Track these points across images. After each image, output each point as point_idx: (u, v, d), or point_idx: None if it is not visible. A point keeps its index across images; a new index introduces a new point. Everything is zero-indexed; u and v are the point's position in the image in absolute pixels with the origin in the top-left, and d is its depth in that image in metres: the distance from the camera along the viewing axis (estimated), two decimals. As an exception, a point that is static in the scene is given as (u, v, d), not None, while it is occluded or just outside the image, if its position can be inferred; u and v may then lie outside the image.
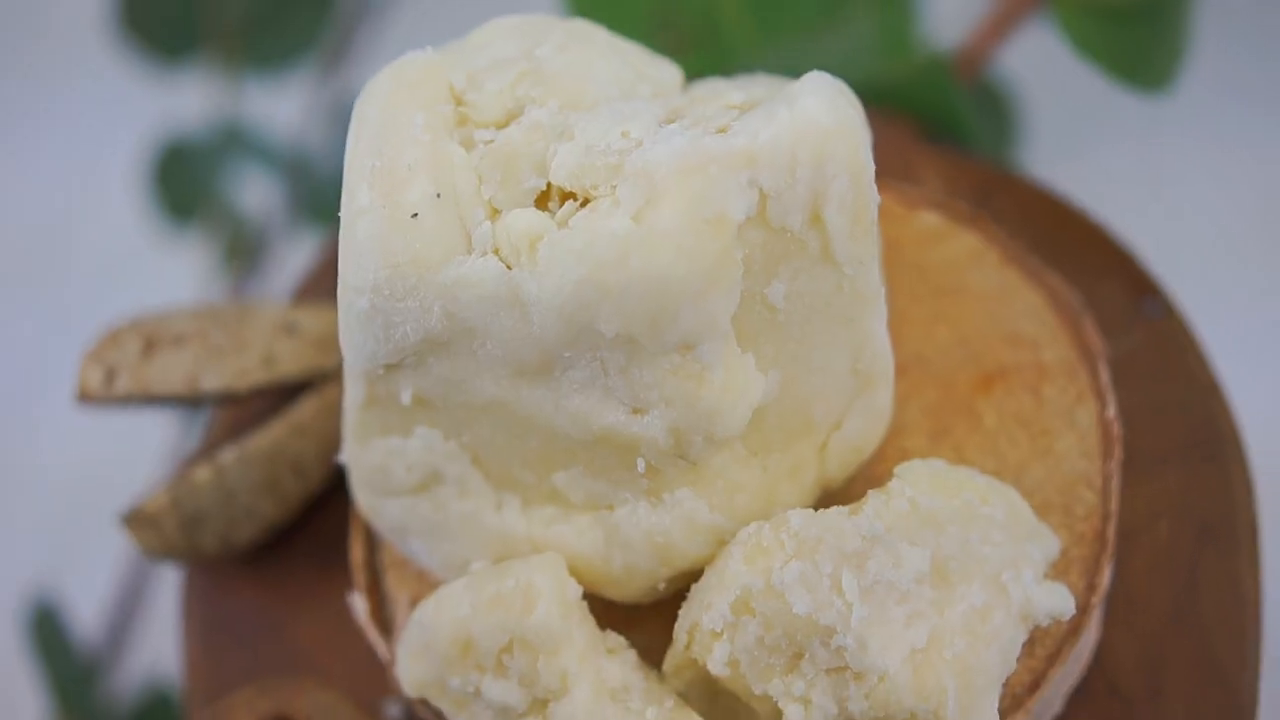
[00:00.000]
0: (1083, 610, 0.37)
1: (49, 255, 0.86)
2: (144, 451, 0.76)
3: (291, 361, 0.42)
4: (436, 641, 0.35)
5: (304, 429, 0.42)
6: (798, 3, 0.50)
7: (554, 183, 0.33)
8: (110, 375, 0.41)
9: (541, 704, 0.34)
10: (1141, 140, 0.68)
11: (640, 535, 0.34)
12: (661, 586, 0.35)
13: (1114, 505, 0.38)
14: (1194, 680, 0.39)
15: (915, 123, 0.48)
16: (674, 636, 0.35)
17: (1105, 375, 0.39)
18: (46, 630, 0.71)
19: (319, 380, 0.43)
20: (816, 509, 0.34)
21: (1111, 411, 0.39)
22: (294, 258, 0.79)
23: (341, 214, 0.34)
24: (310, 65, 0.82)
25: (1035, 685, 0.36)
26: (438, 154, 0.33)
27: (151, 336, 0.42)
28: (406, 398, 0.35)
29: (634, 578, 0.35)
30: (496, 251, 0.32)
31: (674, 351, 0.32)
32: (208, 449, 0.43)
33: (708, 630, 0.34)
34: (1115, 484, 0.38)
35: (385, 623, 0.40)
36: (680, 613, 0.35)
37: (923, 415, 0.40)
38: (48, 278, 0.85)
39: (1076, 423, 0.39)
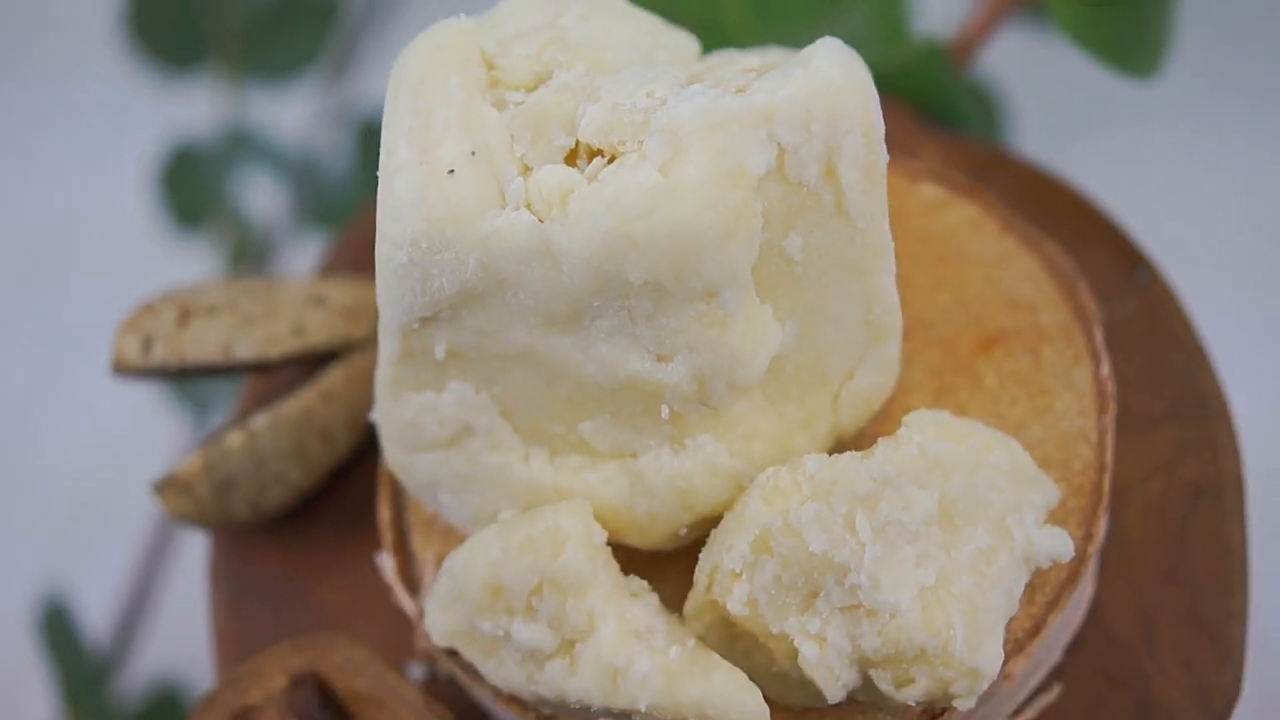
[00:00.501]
0: (1080, 558, 0.38)
1: (57, 259, 0.87)
2: (152, 453, 0.77)
3: (320, 331, 0.44)
4: (468, 587, 0.37)
5: (332, 396, 0.44)
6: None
7: (582, 140, 0.34)
8: (147, 344, 0.43)
9: (569, 644, 0.36)
10: (1127, 132, 0.71)
11: (663, 481, 0.36)
12: (683, 532, 0.37)
13: (1109, 459, 0.40)
14: (1185, 631, 0.41)
15: (913, 108, 0.50)
16: (694, 580, 0.37)
17: (1100, 337, 0.41)
18: (56, 629, 0.72)
19: (346, 350, 0.44)
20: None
21: (1106, 371, 0.41)
22: (300, 261, 0.80)
23: (380, 172, 0.35)
24: (315, 74, 0.84)
25: (1036, 630, 0.38)
26: (472, 114, 0.35)
27: (186, 307, 0.43)
28: (440, 351, 0.36)
29: (656, 524, 0.37)
30: (529, 206, 0.34)
31: (698, 299, 0.34)
32: (239, 417, 0.45)
33: (728, 571, 0.35)
34: (1110, 440, 0.40)
35: (412, 581, 0.42)
36: (700, 556, 0.37)
37: (926, 376, 0.41)
38: (56, 281, 0.87)
39: (1073, 382, 0.41)
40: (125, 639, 0.74)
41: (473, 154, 0.34)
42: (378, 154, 0.72)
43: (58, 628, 0.72)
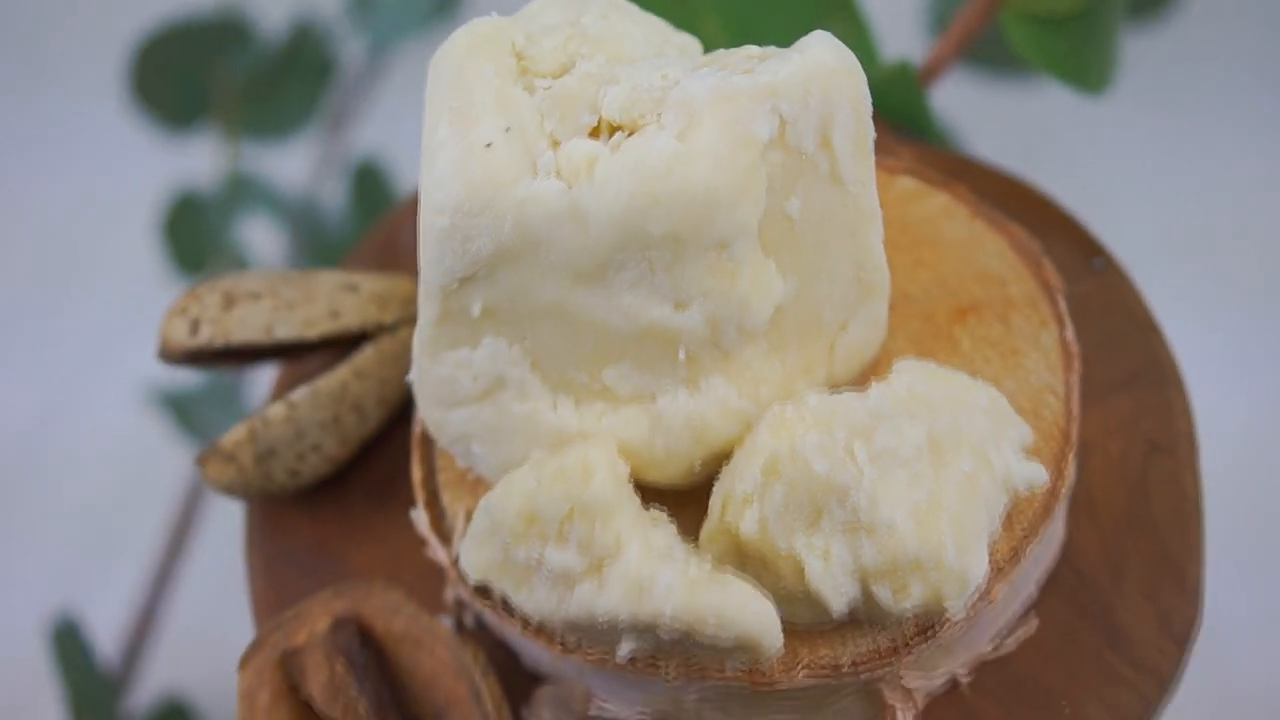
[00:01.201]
0: (1052, 493, 0.43)
1: (68, 293, 0.91)
2: (159, 479, 0.81)
3: (354, 315, 0.48)
4: (504, 519, 0.40)
5: (365, 374, 0.48)
6: (770, 22, 0.57)
7: (605, 117, 0.39)
8: (194, 326, 0.47)
9: (597, 566, 0.40)
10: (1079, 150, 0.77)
11: (680, 420, 0.40)
12: (697, 468, 0.41)
13: (1075, 409, 0.44)
14: (1149, 568, 0.45)
15: (887, 125, 0.55)
16: (709, 510, 0.41)
17: (1063, 305, 0.46)
18: (68, 646, 0.75)
19: (376, 333, 0.49)
20: (827, 400, 0.40)
21: (1070, 334, 0.45)
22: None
23: (422, 149, 0.40)
24: (313, 129, 0.88)
25: (1014, 557, 0.42)
26: (505, 97, 0.39)
27: (230, 292, 0.48)
28: (476, 309, 0.40)
29: (673, 460, 0.41)
30: (558, 174, 0.38)
31: (711, 250, 0.38)
32: (279, 392, 0.49)
33: (740, 496, 0.40)
34: (1075, 393, 0.44)
35: (444, 533, 0.46)
36: (714, 488, 0.41)
37: (908, 343, 0.46)
38: (68, 313, 0.91)
39: (1041, 344, 0.45)
40: (134, 657, 0.77)
41: (507, 130, 0.39)
42: (373, 195, 0.77)
43: (69, 645, 0.74)
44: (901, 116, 0.55)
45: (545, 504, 0.40)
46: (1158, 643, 0.44)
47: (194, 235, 0.85)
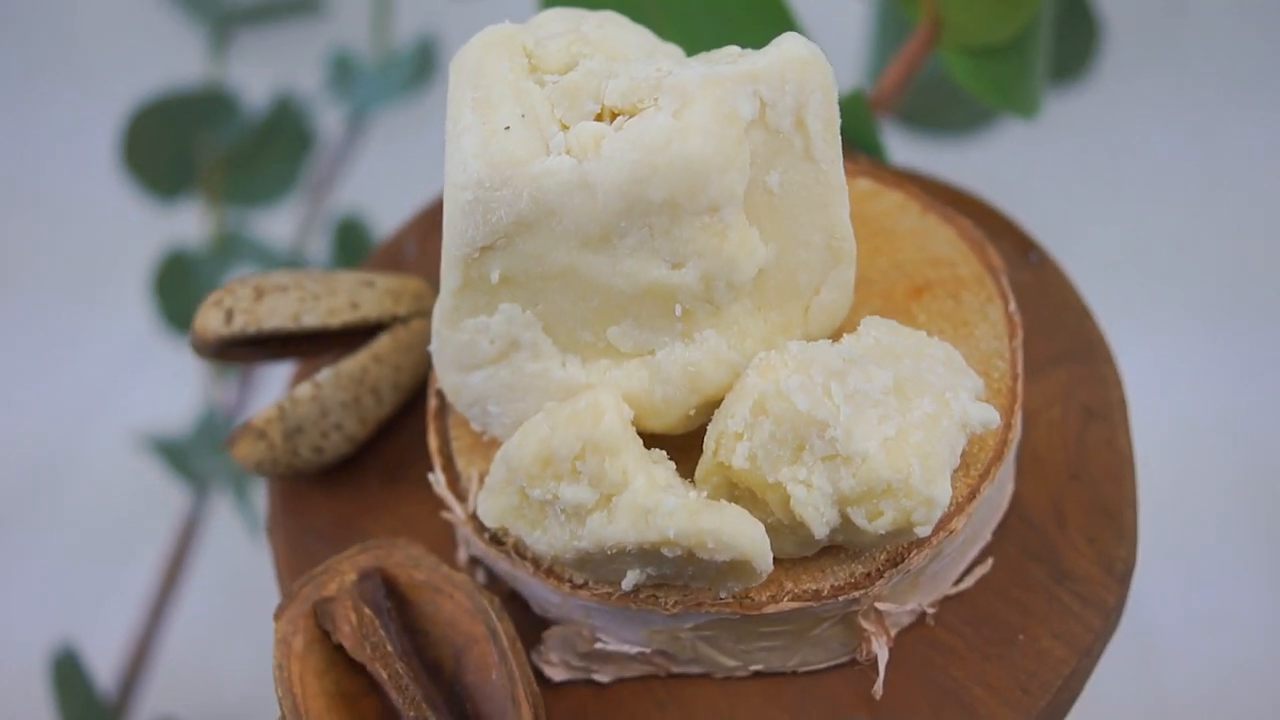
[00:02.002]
0: (1004, 441, 0.48)
1: (68, 350, 0.96)
2: (156, 517, 0.85)
3: (371, 306, 0.53)
4: (521, 463, 0.45)
5: (381, 359, 0.53)
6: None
7: (607, 105, 0.45)
8: (229, 315, 0.52)
9: (607, 498, 0.45)
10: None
11: (677, 369, 0.46)
12: (692, 413, 0.47)
13: (1019, 370, 0.50)
14: (1089, 516, 0.51)
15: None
16: (704, 448, 0.46)
17: (1005, 283, 0.52)
18: (68, 674, 0.78)
19: (391, 323, 0.54)
20: (804, 354, 0.46)
21: (1012, 307, 0.51)
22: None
23: (447, 135, 0.45)
24: (295, 195, 0.94)
25: (972, 495, 0.47)
26: (520, 88, 0.45)
27: (260, 286, 0.53)
28: (495, 276, 0.46)
29: (671, 407, 0.46)
30: (569, 151, 0.44)
31: (704, 214, 0.44)
32: (300, 381, 0.54)
33: (732, 433, 0.45)
34: (1019, 356, 0.50)
35: (460, 494, 0.50)
36: (708, 429, 0.46)
37: (871, 318, 0.52)
38: (67, 369, 0.95)
39: (988, 316, 0.51)
40: (131, 686, 0.81)
41: (523, 116, 0.45)
42: (356, 247, 0.82)
43: (69, 674, 0.78)
44: (855, 141, 0.61)
45: (559, 444, 0.45)
46: (1100, 579, 0.50)
47: (184, 292, 0.90)
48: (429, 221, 0.61)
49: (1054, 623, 0.49)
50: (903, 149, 0.74)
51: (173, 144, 0.93)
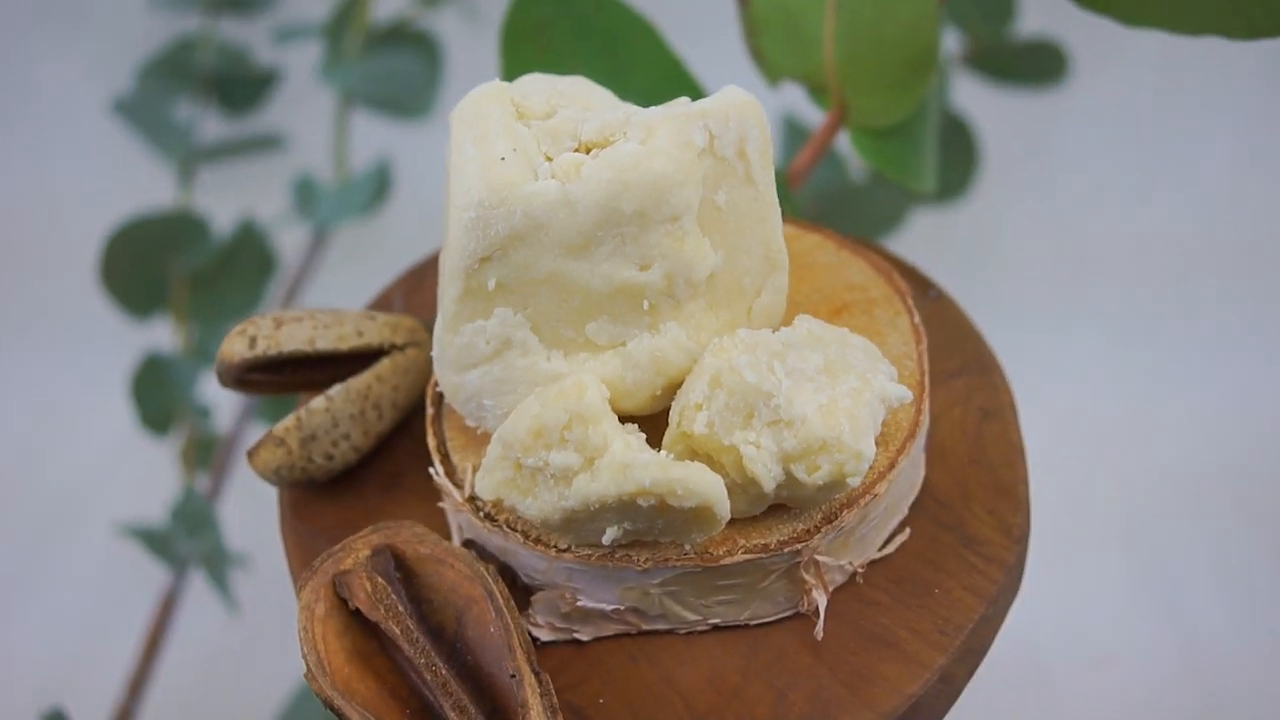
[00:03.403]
0: (915, 424, 0.58)
1: (51, 450, 1.03)
2: (139, 595, 0.91)
3: (374, 335, 0.62)
4: (515, 437, 0.54)
5: (383, 379, 0.62)
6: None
7: (584, 140, 0.54)
8: (252, 341, 0.60)
9: (590, 460, 0.53)
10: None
11: (645, 355, 0.55)
12: (658, 394, 0.56)
13: (925, 368, 0.59)
14: (989, 493, 0.60)
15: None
16: (669, 420, 0.55)
17: (910, 302, 0.62)
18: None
19: (390, 350, 0.63)
20: (750, 344, 0.55)
21: (917, 319, 0.61)
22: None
23: (451, 166, 0.55)
24: (261, 312, 1.02)
25: (891, 466, 0.57)
26: (511, 128, 0.55)
27: (278, 317, 0.61)
28: (492, 284, 0.55)
29: (640, 388, 0.55)
30: (554, 175, 0.54)
31: (667, 222, 0.53)
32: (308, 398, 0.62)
33: (692, 404, 0.54)
34: (925, 358, 0.60)
35: (457, 482, 0.59)
36: (673, 405, 0.55)
37: (800, 334, 0.61)
38: (50, 468, 1.02)
39: (898, 327, 0.61)
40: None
41: (514, 150, 0.54)
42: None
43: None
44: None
45: (549, 417, 0.53)
46: (1001, 542, 0.59)
47: (159, 396, 0.98)
48: (413, 280, 0.71)
49: (964, 578, 0.58)
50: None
51: (146, 265, 1.01)
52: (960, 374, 0.64)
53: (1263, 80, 1.18)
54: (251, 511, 0.95)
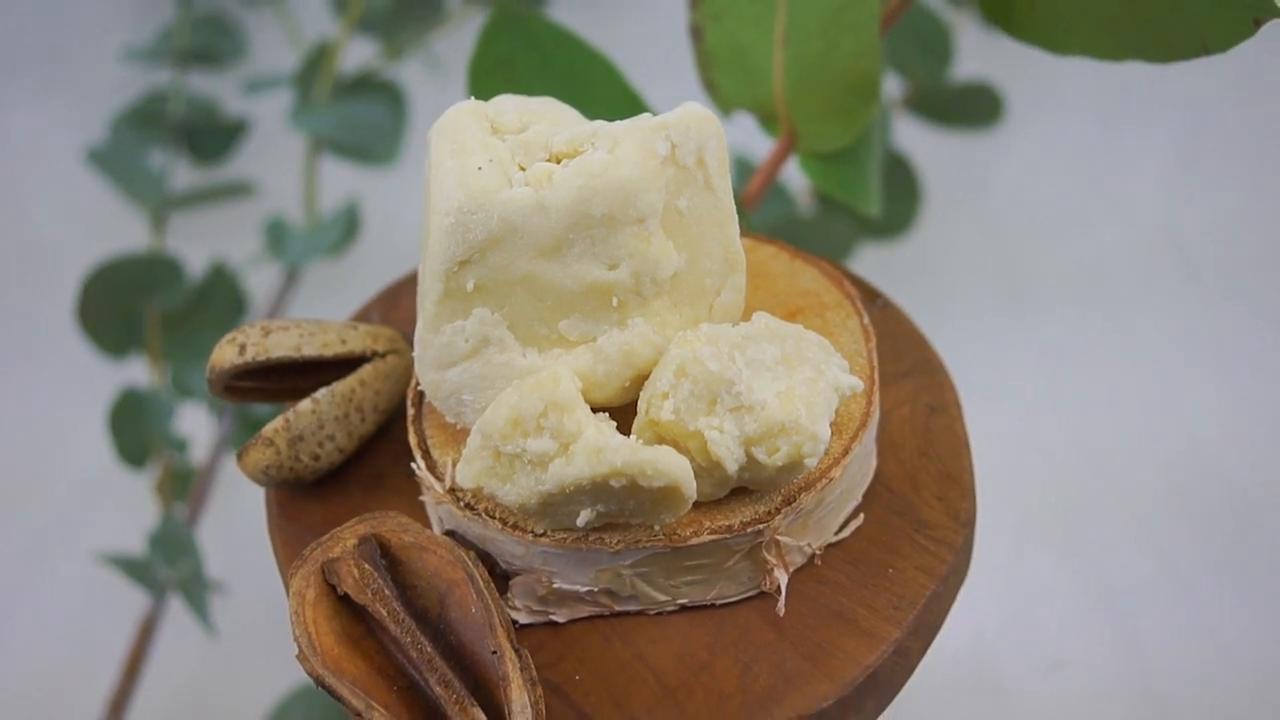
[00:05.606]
0: (866, 414, 0.62)
1: (25, 499, 1.05)
2: (119, 619, 0.94)
3: (356, 342, 0.66)
4: (494, 427, 0.57)
5: (366, 384, 0.65)
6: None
7: (554, 152, 0.59)
8: (242, 348, 0.64)
9: (565, 447, 0.57)
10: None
11: (615, 349, 0.59)
12: (626, 385, 0.59)
13: (875, 363, 0.64)
14: (937, 481, 0.64)
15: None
16: (638, 409, 0.59)
17: (860, 306, 0.66)
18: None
19: (374, 356, 0.66)
20: (711, 339, 0.59)
21: (867, 321, 0.65)
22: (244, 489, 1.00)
23: (430, 176, 0.59)
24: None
25: (845, 452, 0.61)
26: (486, 141, 0.59)
27: (266, 326, 0.65)
28: (470, 285, 0.59)
29: (610, 380, 0.59)
30: (528, 183, 0.58)
31: (633, 224, 0.58)
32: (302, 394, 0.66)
33: (659, 393, 0.58)
34: (875, 355, 0.64)
35: (438, 476, 0.62)
36: (640, 394, 0.59)
37: (757, 336, 0.66)
38: (33, 501, 1.04)
39: (849, 328, 0.66)
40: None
41: (490, 161, 0.59)
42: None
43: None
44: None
45: (526, 406, 0.57)
46: (949, 526, 0.63)
47: (136, 430, 1.01)
48: (390, 298, 0.74)
49: (915, 559, 0.62)
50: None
51: (121, 306, 1.04)
52: (909, 375, 0.68)
53: (1187, 113, 1.25)
54: (227, 541, 0.98)
